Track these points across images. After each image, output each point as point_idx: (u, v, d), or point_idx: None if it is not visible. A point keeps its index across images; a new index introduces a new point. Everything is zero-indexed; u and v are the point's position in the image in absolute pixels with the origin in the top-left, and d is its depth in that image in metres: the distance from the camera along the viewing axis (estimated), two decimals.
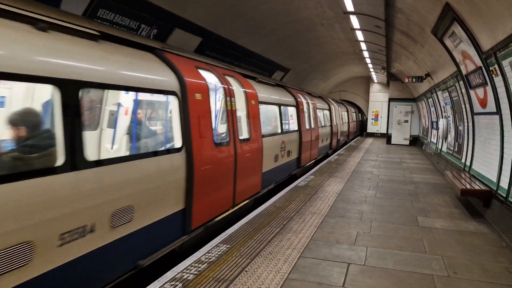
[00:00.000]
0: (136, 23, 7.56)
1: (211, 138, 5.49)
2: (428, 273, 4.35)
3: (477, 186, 7.21)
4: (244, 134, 7.05)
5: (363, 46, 15.68)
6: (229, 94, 6.45)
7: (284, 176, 9.86)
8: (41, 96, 4.02)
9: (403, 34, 11.12)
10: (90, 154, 3.36)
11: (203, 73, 5.68)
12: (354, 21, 11.67)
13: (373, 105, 28.50)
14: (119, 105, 5.18)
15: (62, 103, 3.09)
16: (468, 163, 9.08)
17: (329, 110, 17.73)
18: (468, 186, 7.17)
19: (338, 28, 13.31)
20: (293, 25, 12.36)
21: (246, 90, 7.35)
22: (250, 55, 13.02)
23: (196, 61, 5.82)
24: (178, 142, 4.84)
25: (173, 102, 4.87)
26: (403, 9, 8.73)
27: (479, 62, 6.69)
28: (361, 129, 32.24)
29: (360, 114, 32.76)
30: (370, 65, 21.34)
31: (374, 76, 26.04)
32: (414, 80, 15.35)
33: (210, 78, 6.00)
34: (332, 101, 19.78)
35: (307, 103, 12.75)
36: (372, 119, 28.70)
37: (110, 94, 5.10)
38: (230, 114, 6.37)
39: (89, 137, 3.84)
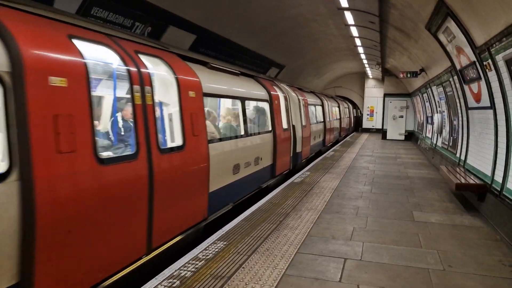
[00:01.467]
0: (130, 21, 7.52)
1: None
2: (423, 267, 4.39)
3: (472, 180, 7.26)
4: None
5: (358, 42, 15.70)
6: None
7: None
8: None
9: (397, 30, 11.14)
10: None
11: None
12: (348, 17, 11.67)
13: (368, 101, 28.55)
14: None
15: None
16: (462, 158, 9.14)
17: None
18: (463, 181, 7.22)
19: (332, 24, 13.31)
20: (286, 21, 12.35)
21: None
22: (245, 52, 13.00)
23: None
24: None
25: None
26: (396, 4, 8.74)
27: (472, 57, 6.72)
28: (356, 125, 32.31)
29: (355, 110, 32.81)
30: (364, 61, 21.37)
31: (369, 71, 26.08)
32: (408, 75, 15.41)
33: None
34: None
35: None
36: (368, 114, 28.76)
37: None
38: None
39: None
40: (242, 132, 7.33)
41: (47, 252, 2.94)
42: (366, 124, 28.93)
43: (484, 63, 6.22)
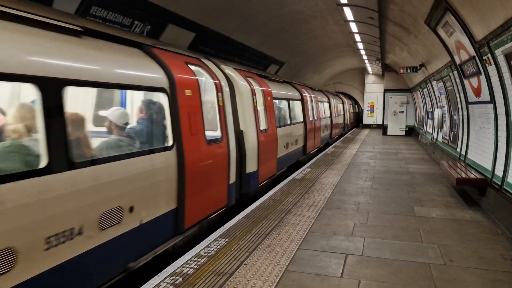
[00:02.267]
0: (129, 20, 7.53)
1: None
2: (424, 262, 4.41)
3: (472, 175, 7.27)
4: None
5: (357, 37, 15.68)
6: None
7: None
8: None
9: (396, 25, 11.13)
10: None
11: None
12: (348, 12, 11.66)
13: (369, 97, 28.54)
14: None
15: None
16: (463, 152, 9.15)
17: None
18: (464, 175, 7.23)
19: (331, 21, 13.29)
20: (285, 18, 12.33)
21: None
22: (244, 49, 12.99)
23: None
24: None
25: None
26: (395, 0, 8.74)
27: (472, 52, 6.72)
28: (357, 121, 32.31)
29: (356, 106, 32.81)
30: (364, 57, 21.36)
31: (369, 67, 26.07)
32: (408, 70, 15.40)
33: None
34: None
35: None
36: (368, 110, 28.77)
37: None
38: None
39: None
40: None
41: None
42: (366, 120, 28.93)
43: (484, 57, 6.21)
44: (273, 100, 9.08)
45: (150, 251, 4.17)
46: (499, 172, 6.23)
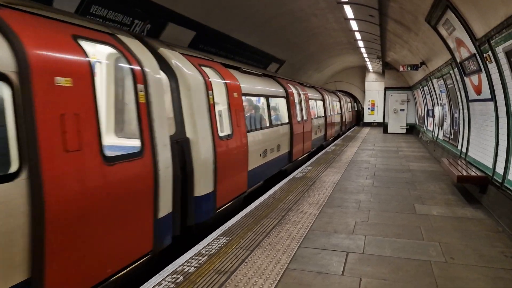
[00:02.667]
0: (129, 19, 7.52)
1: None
2: (425, 259, 4.41)
3: (473, 172, 7.27)
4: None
5: (358, 35, 15.66)
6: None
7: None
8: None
9: (397, 23, 11.11)
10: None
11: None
12: (348, 10, 11.64)
13: (369, 95, 28.49)
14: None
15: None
16: (464, 150, 9.14)
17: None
18: (464, 173, 7.23)
19: (332, 19, 13.27)
20: (286, 16, 12.31)
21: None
22: (245, 48, 12.98)
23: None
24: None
25: None
26: None
27: (473, 49, 6.71)
28: (357, 119, 32.27)
29: (356, 104, 32.77)
30: (365, 55, 21.31)
31: (369, 65, 26.02)
32: (409, 68, 15.37)
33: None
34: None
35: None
36: (369, 108, 28.72)
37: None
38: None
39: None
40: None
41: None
42: (367, 118, 28.89)
43: (484, 55, 6.21)
44: (245, 97, 7.48)
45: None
46: (499, 169, 6.23)
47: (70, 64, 3.24)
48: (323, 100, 16.97)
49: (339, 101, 22.59)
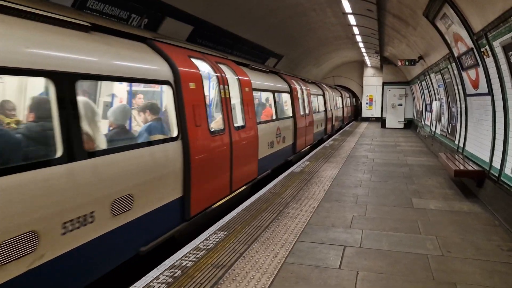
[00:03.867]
0: (126, 13, 7.49)
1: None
2: (422, 253, 4.43)
3: (470, 166, 7.30)
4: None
5: (356, 30, 15.63)
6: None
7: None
8: None
9: (395, 17, 11.09)
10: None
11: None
12: (346, 5, 11.61)
13: (367, 90, 28.50)
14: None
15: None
16: (461, 145, 9.17)
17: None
18: (462, 167, 7.26)
19: (330, 13, 13.25)
20: (284, 11, 12.28)
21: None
22: (243, 43, 12.95)
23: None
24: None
25: None
26: None
27: (470, 44, 6.71)
28: (355, 114, 32.29)
29: (354, 99, 32.78)
30: (363, 49, 21.30)
31: (367, 60, 26.00)
32: (407, 63, 15.37)
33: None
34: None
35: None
36: (367, 103, 28.74)
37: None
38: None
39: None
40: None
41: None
42: (365, 113, 28.92)
43: (482, 49, 6.20)
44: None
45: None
46: (496, 164, 6.25)
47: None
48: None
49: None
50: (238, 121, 7.08)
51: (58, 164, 3.11)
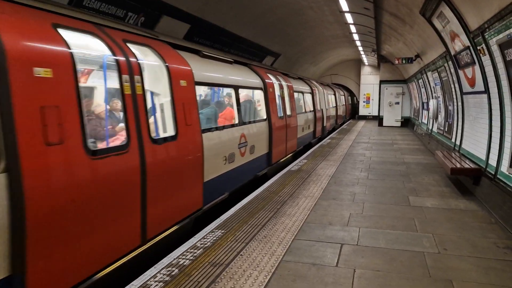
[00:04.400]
0: (123, 11, 7.46)
1: None
2: (419, 251, 4.45)
3: (467, 164, 7.32)
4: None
5: (353, 28, 15.63)
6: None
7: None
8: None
9: (392, 16, 11.10)
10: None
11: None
12: (343, 3, 11.60)
13: (365, 88, 28.54)
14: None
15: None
16: (458, 143, 9.20)
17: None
18: (458, 165, 7.28)
19: (327, 11, 13.24)
20: (281, 9, 12.27)
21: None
22: (240, 41, 12.93)
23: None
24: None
25: None
26: None
27: (467, 42, 6.73)
28: (353, 112, 32.31)
29: (349, 97, 32.79)
30: (360, 48, 21.30)
31: (364, 58, 26.01)
32: (404, 61, 15.39)
33: None
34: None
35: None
36: (364, 101, 28.77)
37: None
38: None
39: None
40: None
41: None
42: (362, 111, 28.96)
43: (478, 47, 6.22)
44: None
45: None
46: (493, 161, 6.28)
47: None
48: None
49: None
50: (167, 130, 4.97)
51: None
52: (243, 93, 7.94)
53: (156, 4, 8.01)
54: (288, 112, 10.81)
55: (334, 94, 22.47)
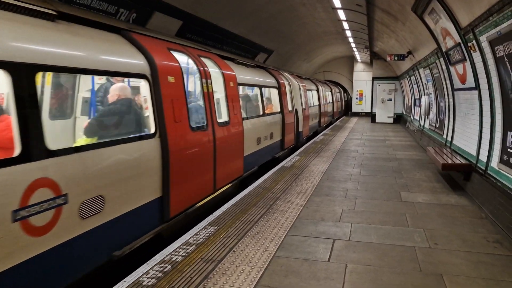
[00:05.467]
0: (114, 8, 7.41)
1: None
2: (410, 245, 4.50)
3: (458, 160, 7.39)
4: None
5: (345, 25, 15.68)
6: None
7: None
8: None
9: (384, 12, 11.14)
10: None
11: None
12: (335, 0, 11.63)
13: (357, 85, 28.65)
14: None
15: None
16: (449, 139, 9.27)
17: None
18: (449, 161, 7.35)
19: (320, 8, 13.26)
20: (274, 5, 12.26)
21: None
22: (233, 38, 12.90)
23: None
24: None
25: None
26: None
27: (458, 39, 6.77)
28: (346, 109, 32.42)
29: (344, 94, 32.88)
30: (353, 45, 21.38)
31: (357, 55, 26.12)
32: (396, 58, 15.46)
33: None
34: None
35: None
36: (357, 98, 28.89)
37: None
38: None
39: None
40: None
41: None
42: (355, 108, 29.09)
43: (469, 44, 6.27)
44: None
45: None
46: (483, 157, 6.34)
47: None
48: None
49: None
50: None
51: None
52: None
53: (148, 0, 7.96)
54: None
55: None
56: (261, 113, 9.42)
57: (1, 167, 2.82)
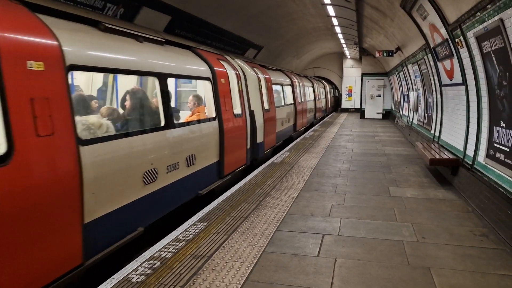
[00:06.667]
0: (101, 2, 7.31)
1: None
2: (398, 239, 4.54)
3: (445, 155, 7.48)
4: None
5: (335, 21, 15.69)
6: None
7: None
8: None
9: (373, 8, 11.18)
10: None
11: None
12: None
13: (347, 81, 28.76)
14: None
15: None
16: (437, 134, 9.37)
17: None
18: (437, 156, 7.43)
19: (309, 4, 13.25)
20: (263, 1, 12.22)
21: None
22: (222, 33, 12.83)
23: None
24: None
25: None
26: None
27: (445, 35, 6.83)
28: (335, 105, 32.53)
29: (334, 90, 32.97)
30: (342, 41, 21.42)
31: (347, 51, 26.18)
32: (385, 54, 15.56)
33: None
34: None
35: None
36: (346, 94, 29.01)
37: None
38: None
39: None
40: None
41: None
42: (345, 104, 29.20)
43: (456, 40, 6.33)
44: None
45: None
46: (470, 152, 6.42)
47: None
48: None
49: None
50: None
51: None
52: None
53: None
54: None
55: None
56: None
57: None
